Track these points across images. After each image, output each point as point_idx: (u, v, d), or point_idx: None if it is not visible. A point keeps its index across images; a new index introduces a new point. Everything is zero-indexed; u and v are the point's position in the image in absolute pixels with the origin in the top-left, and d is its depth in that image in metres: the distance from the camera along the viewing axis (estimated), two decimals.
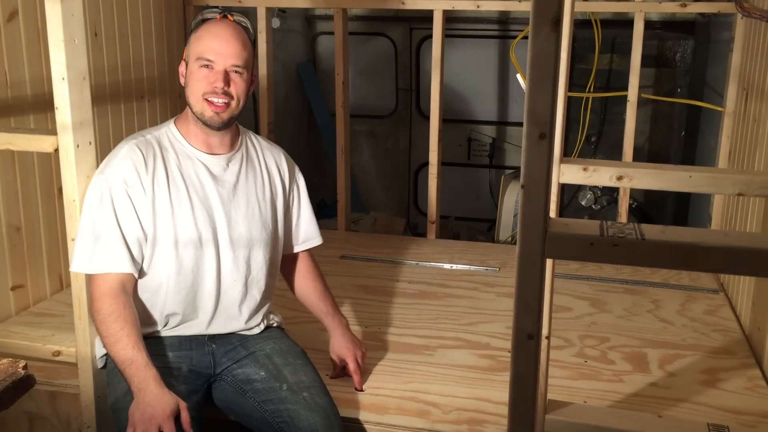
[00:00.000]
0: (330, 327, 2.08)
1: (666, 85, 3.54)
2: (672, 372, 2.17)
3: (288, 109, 4.59)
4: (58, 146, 1.74)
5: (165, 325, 1.82)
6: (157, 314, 1.80)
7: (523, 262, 1.05)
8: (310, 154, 5.02)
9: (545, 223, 1.04)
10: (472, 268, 3.00)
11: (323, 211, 4.80)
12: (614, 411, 1.83)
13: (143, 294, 1.78)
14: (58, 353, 1.93)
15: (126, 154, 1.72)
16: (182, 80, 1.79)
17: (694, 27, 3.84)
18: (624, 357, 2.26)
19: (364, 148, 5.01)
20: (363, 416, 1.93)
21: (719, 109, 3.07)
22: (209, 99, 1.73)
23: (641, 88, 3.06)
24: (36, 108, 2.42)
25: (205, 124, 1.76)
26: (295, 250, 2.06)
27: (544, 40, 0.98)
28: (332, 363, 2.09)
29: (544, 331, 1.70)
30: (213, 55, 1.71)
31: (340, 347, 2.05)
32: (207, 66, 1.72)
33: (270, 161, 1.94)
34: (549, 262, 1.57)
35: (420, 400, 2.00)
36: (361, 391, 2.02)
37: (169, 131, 1.81)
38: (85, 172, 1.77)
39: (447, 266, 3.02)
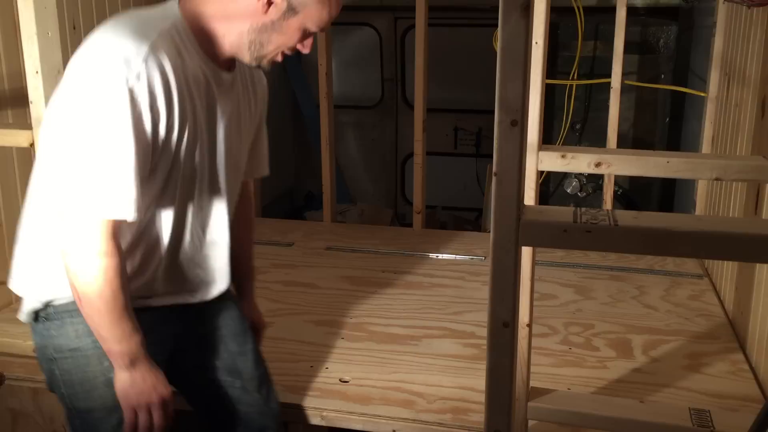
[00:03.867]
0: (244, 292, 1.85)
1: (650, 71, 3.54)
2: (656, 357, 2.18)
3: (273, 101, 4.56)
4: (33, 141, 1.72)
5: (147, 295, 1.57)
6: (143, 278, 1.53)
7: (497, 250, 1.05)
8: (296, 146, 5.00)
9: (519, 211, 1.04)
10: (458, 257, 3.00)
11: (310, 203, 4.80)
12: (597, 397, 1.84)
13: (136, 250, 1.50)
14: None
15: (154, 62, 1.32)
16: (266, 8, 1.41)
17: (678, 13, 3.84)
18: (608, 343, 2.27)
19: (351, 139, 5.00)
20: (347, 407, 1.93)
21: (702, 94, 3.08)
22: (286, 53, 1.52)
23: (625, 74, 3.06)
24: (15, 103, 2.39)
25: (258, 65, 1.51)
26: (244, 177, 1.78)
27: (514, 27, 0.98)
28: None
29: (526, 319, 1.71)
30: (322, 27, 1.52)
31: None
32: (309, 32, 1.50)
33: (256, 80, 1.73)
34: (527, 249, 1.57)
35: (405, 390, 2.00)
36: None
37: (180, 29, 1.41)
38: None
39: (433, 256, 3.02)
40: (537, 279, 1.79)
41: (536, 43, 1.53)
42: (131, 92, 1.28)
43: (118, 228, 1.36)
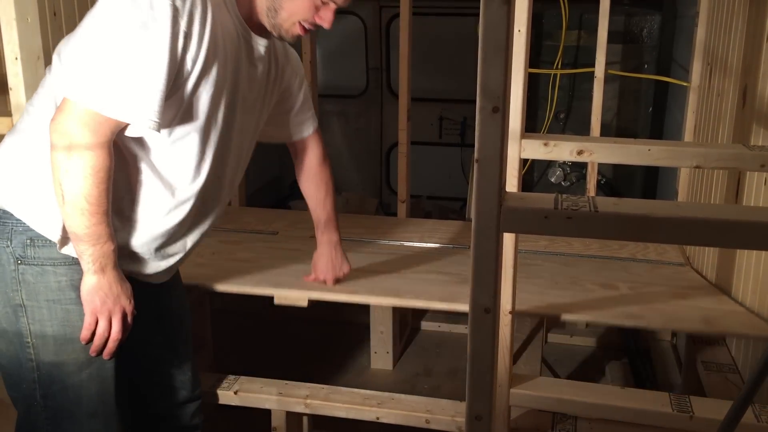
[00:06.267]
0: (318, 240, 2.09)
1: (633, 61, 3.55)
2: None
3: None
4: None
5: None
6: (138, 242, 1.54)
7: (479, 236, 1.05)
8: None
9: (500, 197, 1.04)
10: (441, 246, 3.00)
11: (295, 192, 4.78)
12: (578, 384, 1.86)
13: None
14: None
15: None
16: None
17: (662, 2, 3.85)
18: None
19: (336, 129, 4.98)
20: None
21: (684, 84, 3.09)
22: (304, 25, 1.53)
23: (609, 64, 3.06)
24: None
25: (279, 37, 1.56)
26: (293, 138, 1.93)
27: (495, 12, 0.98)
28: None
29: (509, 306, 1.72)
30: None
31: (317, 266, 2.09)
32: (324, 2, 1.51)
33: (289, 53, 1.77)
34: (510, 237, 1.58)
35: None
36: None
37: None
38: None
39: (417, 245, 3.02)
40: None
41: (519, 30, 1.53)
42: (175, 10, 1.32)
43: (116, 132, 1.37)
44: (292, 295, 2.05)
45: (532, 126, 3.54)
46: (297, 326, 3.38)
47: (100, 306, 1.42)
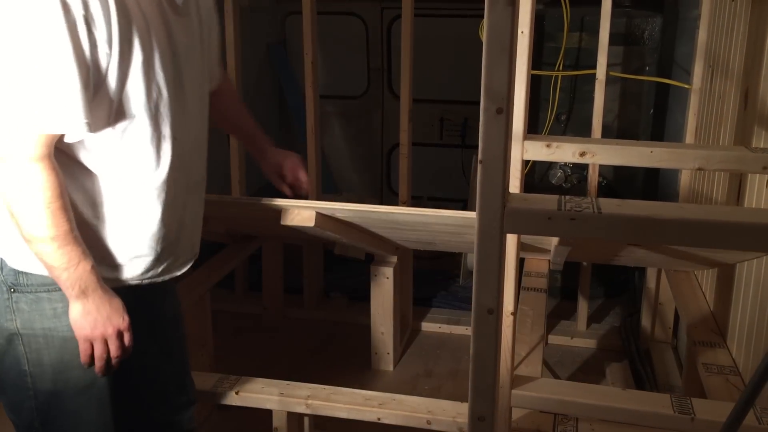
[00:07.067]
0: (262, 152, 1.94)
1: (635, 63, 3.55)
2: None
3: (258, 91, 4.55)
4: None
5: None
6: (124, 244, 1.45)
7: (482, 237, 1.06)
8: (282, 137, 4.98)
9: (504, 198, 1.04)
10: None
11: (295, 192, 4.79)
12: (579, 385, 1.86)
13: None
14: None
15: None
16: None
17: (663, 4, 3.85)
18: None
19: (336, 129, 4.98)
20: None
21: (686, 86, 3.10)
22: None
23: (610, 66, 3.07)
24: None
25: None
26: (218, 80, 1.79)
27: (500, 14, 0.98)
28: (274, 180, 1.98)
29: (510, 308, 1.72)
30: None
31: (283, 166, 1.97)
32: None
33: None
34: (513, 238, 1.58)
35: None
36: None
37: None
38: None
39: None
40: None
41: (522, 32, 1.54)
42: (62, 1, 1.21)
43: (53, 144, 1.29)
44: (298, 207, 2.02)
45: (533, 128, 3.54)
46: (298, 327, 3.38)
47: (91, 332, 1.37)
